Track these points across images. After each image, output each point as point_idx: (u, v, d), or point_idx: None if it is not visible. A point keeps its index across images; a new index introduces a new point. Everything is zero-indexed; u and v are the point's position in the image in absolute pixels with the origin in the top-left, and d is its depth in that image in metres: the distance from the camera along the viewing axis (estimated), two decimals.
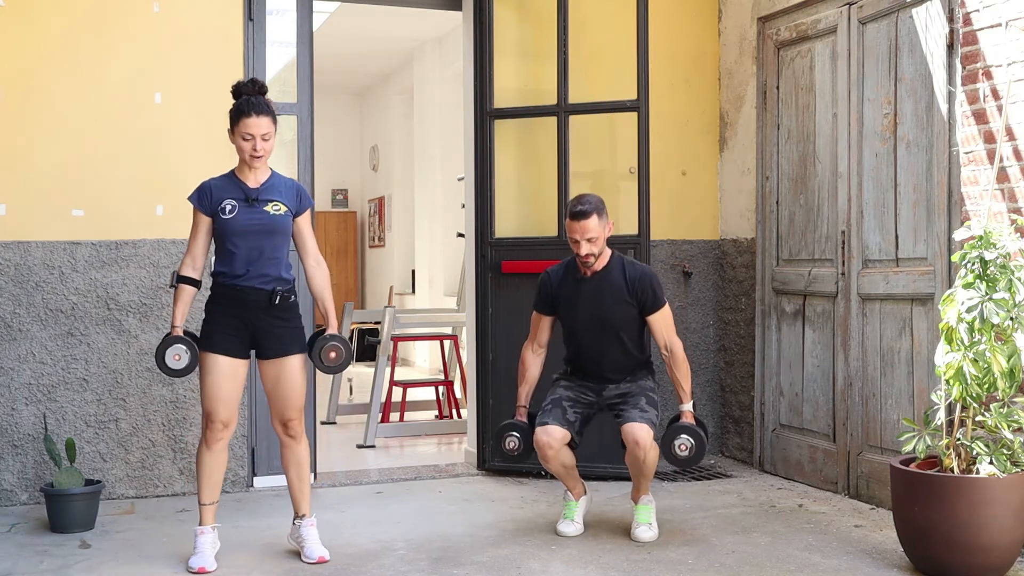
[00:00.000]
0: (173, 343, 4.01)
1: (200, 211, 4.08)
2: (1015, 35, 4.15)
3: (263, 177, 4.11)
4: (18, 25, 5.02)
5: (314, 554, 4.08)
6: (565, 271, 4.56)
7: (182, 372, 4.03)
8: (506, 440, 4.51)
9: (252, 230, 4.03)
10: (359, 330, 11.42)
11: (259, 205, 4.05)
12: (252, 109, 4.01)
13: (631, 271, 4.47)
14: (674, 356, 4.45)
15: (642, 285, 4.43)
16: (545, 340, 4.63)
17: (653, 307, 4.45)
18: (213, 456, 4.06)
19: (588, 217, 4.34)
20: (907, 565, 3.96)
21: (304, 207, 4.18)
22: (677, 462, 4.36)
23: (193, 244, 4.11)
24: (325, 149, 11.87)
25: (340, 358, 4.15)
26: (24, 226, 5.03)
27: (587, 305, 4.46)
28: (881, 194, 4.94)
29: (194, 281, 4.09)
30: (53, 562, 4.13)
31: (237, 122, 4.03)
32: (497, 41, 5.73)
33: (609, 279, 4.45)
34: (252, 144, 4.02)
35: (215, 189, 4.08)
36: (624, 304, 4.44)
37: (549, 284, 4.57)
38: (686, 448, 4.32)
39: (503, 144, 5.77)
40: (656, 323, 4.46)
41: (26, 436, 5.03)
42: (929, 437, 3.90)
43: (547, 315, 4.59)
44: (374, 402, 6.92)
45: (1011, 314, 3.69)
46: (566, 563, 4.08)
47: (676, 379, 4.45)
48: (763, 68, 5.78)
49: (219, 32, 5.31)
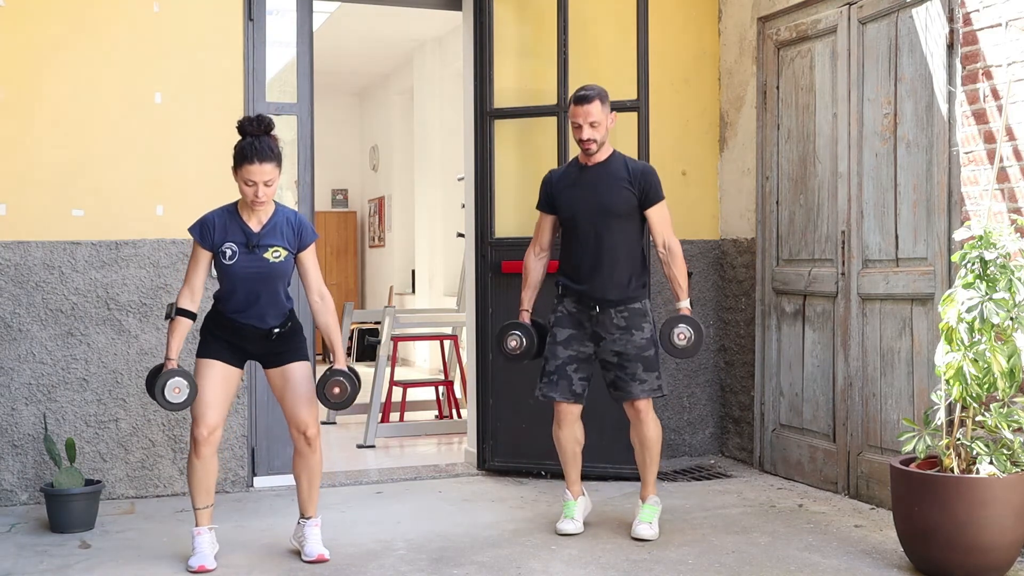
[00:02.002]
0: (173, 376, 3.95)
1: (201, 246, 4.04)
2: (1015, 35, 4.15)
3: (265, 216, 4.06)
4: (18, 25, 5.02)
5: (313, 552, 4.08)
6: (567, 167, 4.61)
7: (180, 406, 3.98)
8: (508, 339, 4.51)
9: (251, 276, 4.03)
10: (359, 330, 11.42)
11: (259, 251, 4.01)
12: (256, 156, 3.91)
13: (633, 164, 4.49)
14: (672, 253, 4.44)
15: (644, 176, 4.44)
16: (547, 242, 4.61)
17: (654, 199, 4.44)
18: (203, 463, 4.04)
19: (591, 102, 4.35)
20: (907, 565, 3.96)
21: (306, 244, 4.12)
22: (676, 352, 4.36)
23: (192, 276, 4.06)
24: (325, 149, 11.86)
25: (344, 394, 4.10)
26: (24, 226, 5.03)
27: (588, 190, 4.44)
28: (881, 194, 4.94)
29: (192, 314, 4.06)
30: (53, 562, 4.13)
31: (239, 166, 3.94)
32: (497, 41, 5.73)
33: (611, 168, 4.46)
34: (255, 190, 3.95)
35: (218, 228, 4.02)
36: (625, 191, 4.41)
37: (550, 180, 4.58)
38: (684, 337, 4.32)
39: (503, 144, 5.78)
40: (654, 217, 4.45)
41: (26, 436, 5.03)
42: (929, 437, 3.90)
43: (549, 213, 4.58)
44: (374, 402, 6.93)
45: (1011, 314, 3.69)
46: (566, 563, 4.08)
47: (673, 276, 4.44)
48: (763, 68, 5.78)
49: (219, 32, 5.31)
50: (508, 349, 4.53)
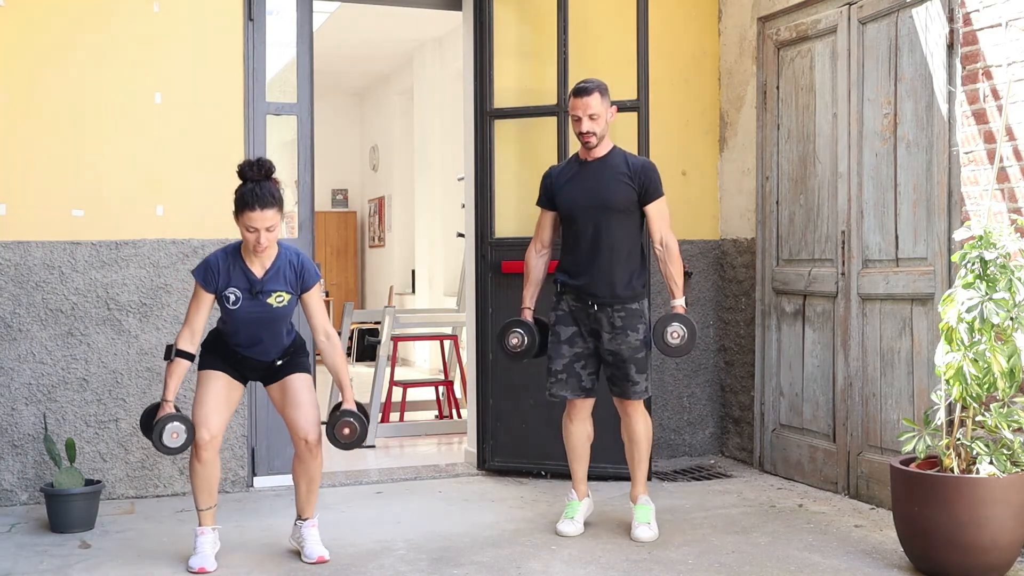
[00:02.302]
0: (171, 420, 3.93)
1: (204, 289, 4.01)
2: (1015, 35, 4.15)
3: (268, 260, 4.03)
4: (18, 25, 5.02)
5: (314, 554, 4.09)
6: (567, 163, 4.61)
7: (177, 451, 3.97)
8: (509, 336, 4.51)
9: (254, 320, 4.04)
10: (359, 330, 11.43)
11: (263, 297, 4.01)
12: (256, 202, 3.86)
13: (633, 159, 4.49)
14: (669, 250, 4.44)
15: (645, 171, 4.44)
16: (548, 239, 4.61)
17: (653, 195, 4.43)
18: (205, 468, 4.04)
19: (590, 94, 4.35)
20: (907, 565, 3.96)
21: (309, 286, 4.09)
22: (669, 351, 4.35)
23: (193, 318, 4.03)
24: (325, 149, 11.86)
25: (354, 434, 4.08)
26: (24, 226, 5.03)
27: (587, 184, 4.44)
28: (881, 194, 4.94)
29: (192, 356, 4.05)
30: (53, 562, 4.13)
31: (241, 213, 3.90)
32: (497, 41, 5.73)
33: (611, 163, 4.45)
34: (256, 236, 3.91)
35: (221, 272, 4.00)
36: (624, 185, 4.41)
37: (550, 176, 4.58)
38: (678, 335, 4.32)
39: (503, 144, 5.77)
40: (653, 213, 4.44)
41: (26, 436, 5.03)
42: (929, 437, 3.90)
43: (549, 210, 4.57)
44: (374, 402, 6.93)
45: (1011, 314, 3.69)
46: (566, 563, 4.08)
47: (669, 274, 4.44)
48: (763, 68, 5.78)
49: (219, 32, 5.31)
50: (510, 346, 4.52)
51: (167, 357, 4.03)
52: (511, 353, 4.55)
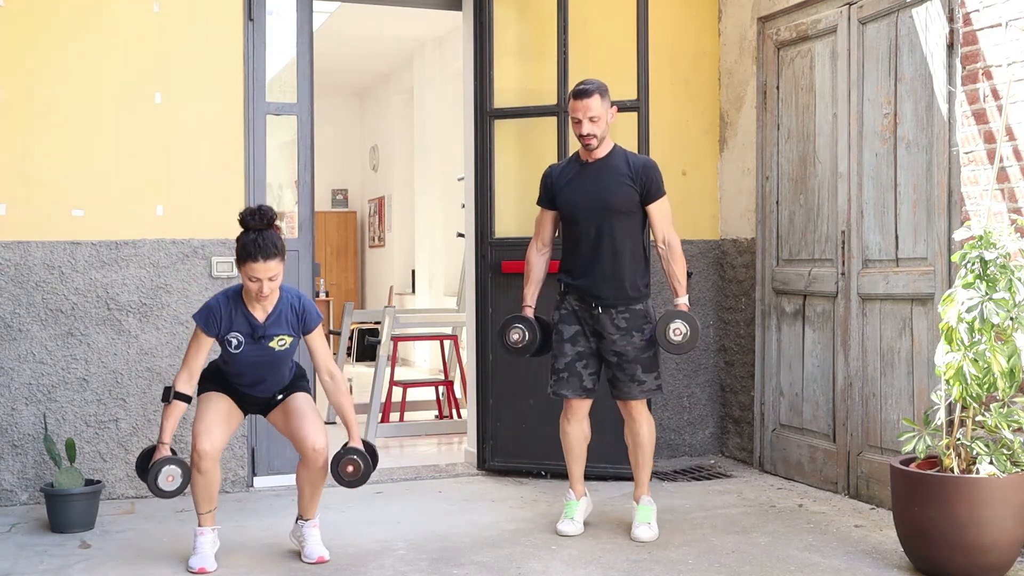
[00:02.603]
0: (166, 464, 3.92)
1: (205, 333, 4.00)
2: (1015, 35, 4.15)
3: (270, 305, 4.02)
4: (18, 25, 5.02)
5: (314, 554, 4.09)
6: (568, 162, 4.58)
7: (172, 494, 3.96)
8: (510, 332, 4.50)
9: (257, 363, 4.05)
10: (359, 330, 11.42)
11: (265, 341, 4.00)
12: (260, 253, 3.84)
13: (634, 159, 4.47)
14: (671, 249, 4.43)
15: (646, 170, 4.43)
16: (548, 237, 4.60)
17: (655, 194, 4.43)
18: (205, 477, 4.02)
19: (590, 96, 4.33)
20: (907, 565, 3.96)
21: (311, 328, 4.08)
22: (671, 348, 4.34)
23: (192, 360, 4.02)
24: (325, 149, 11.86)
25: (357, 472, 4.05)
26: (24, 226, 5.03)
27: (588, 186, 4.43)
28: (881, 194, 4.94)
29: (189, 397, 4.04)
30: (53, 562, 4.13)
31: (243, 263, 3.87)
32: (497, 41, 5.73)
33: (612, 164, 4.44)
34: (259, 286, 3.90)
35: (223, 318, 3.98)
36: (626, 186, 4.40)
37: (551, 175, 4.56)
38: (680, 333, 4.30)
39: (503, 144, 5.78)
40: (655, 213, 4.44)
41: (26, 436, 5.03)
42: (929, 437, 3.90)
43: (549, 209, 4.56)
44: (374, 402, 6.93)
45: (1011, 314, 3.69)
46: (566, 563, 4.08)
47: (672, 272, 4.43)
48: (763, 68, 5.78)
49: (219, 32, 5.30)
50: (511, 342, 4.52)
51: (165, 399, 4.01)
52: (512, 349, 4.54)
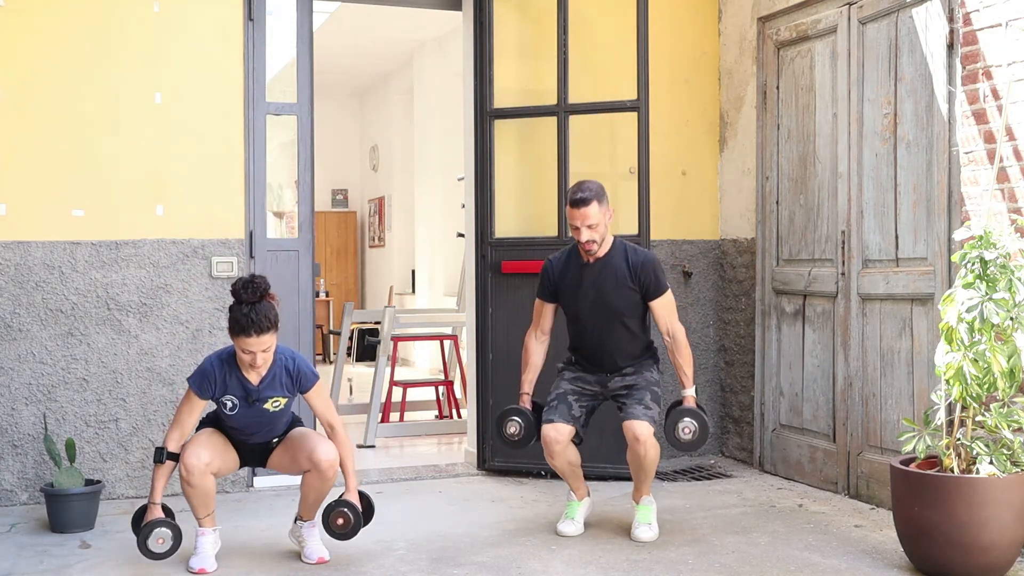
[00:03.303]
0: (157, 526, 3.90)
1: (198, 396, 3.99)
2: (1015, 35, 4.15)
3: (264, 370, 4.00)
4: (18, 25, 5.02)
5: (314, 554, 4.09)
6: (567, 258, 4.54)
7: (163, 556, 3.94)
8: (507, 424, 4.48)
9: (252, 423, 4.06)
10: (359, 330, 11.42)
11: (259, 404, 4.00)
12: (252, 328, 3.81)
13: (633, 257, 4.45)
14: (676, 341, 4.43)
15: (645, 270, 4.42)
16: (548, 327, 4.60)
17: (656, 292, 4.43)
18: (196, 490, 3.98)
19: (588, 204, 4.32)
20: (907, 565, 3.96)
21: (306, 388, 4.06)
22: (680, 445, 4.34)
23: (185, 421, 4.01)
24: (325, 149, 11.86)
25: (347, 526, 4.03)
26: (24, 226, 5.03)
27: (590, 291, 4.44)
28: (881, 194, 4.94)
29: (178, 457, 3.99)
30: (53, 562, 4.13)
31: (236, 336, 3.85)
32: (497, 41, 5.73)
33: (612, 265, 4.43)
34: (252, 359, 3.88)
35: (217, 382, 3.97)
36: (627, 289, 4.41)
37: (551, 271, 4.55)
38: (689, 431, 4.30)
39: (503, 144, 5.77)
40: (658, 308, 4.44)
41: (26, 436, 5.03)
42: (929, 437, 3.90)
43: (549, 302, 4.57)
44: (374, 402, 6.92)
45: (1011, 314, 3.69)
46: (566, 563, 4.08)
47: (678, 364, 4.43)
48: (763, 68, 5.78)
49: (219, 32, 5.30)
50: (508, 434, 4.50)
51: (157, 460, 3.97)
52: (509, 441, 4.52)
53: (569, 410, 4.45)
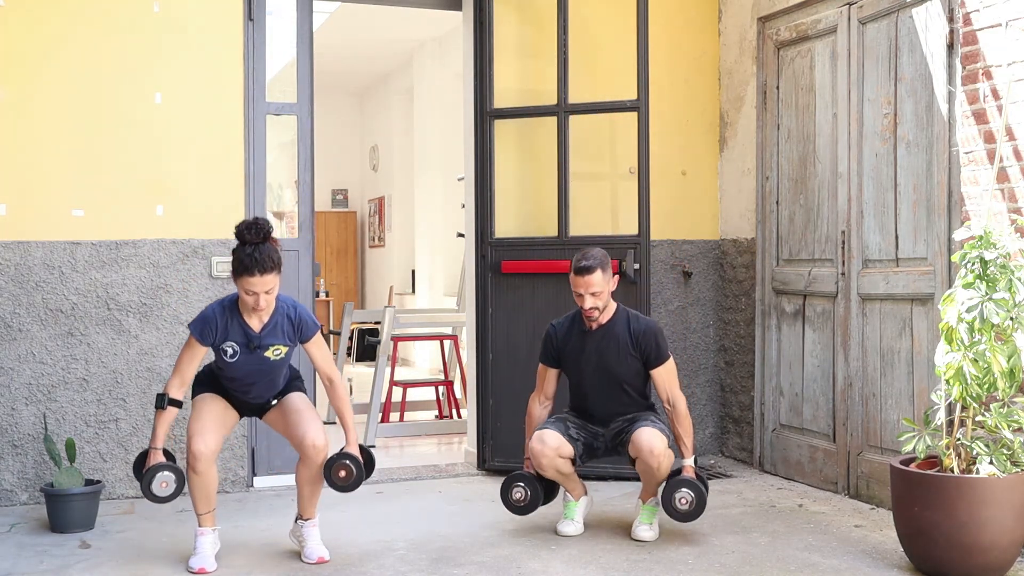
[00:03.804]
0: (160, 470, 3.93)
1: (199, 342, 4.01)
2: (1015, 35, 4.15)
3: (266, 315, 4.02)
4: (18, 25, 5.02)
5: (314, 554, 4.09)
6: (570, 324, 4.56)
7: (167, 499, 3.96)
8: (512, 491, 4.49)
9: (252, 371, 4.05)
10: (359, 330, 11.42)
11: (260, 351, 4.00)
12: (256, 267, 3.84)
13: (635, 325, 4.47)
14: (676, 411, 4.43)
15: (646, 339, 4.43)
16: (551, 392, 4.62)
17: (657, 361, 4.44)
18: (201, 478, 4.02)
19: (592, 272, 4.34)
20: (907, 565, 3.96)
21: (307, 336, 4.08)
22: (677, 515, 4.33)
23: (185, 368, 4.03)
24: (325, 149, 11.85)
25: (349, 478, 4.05)
26: (24, 226, 5.03)
27: (592, 359, 4.47)
28: (881, 194, 4.94)
29: (181, 404, 4.04)
30: (53, 562, 4.13)
31: (239, 277, 3.87)
32: (497, 41, 5.73)
33: (614, 333, 4.46)
34: (255, 300, 3.90)
35: (218, 328, 3.98)
36: (629, 357, 4.44)
37: (555, 337, 4.56)
38: (686, 502, 4.31)
39: (503, 144, 5.77)
40: (659, 377, 4.46)
41: (26, 436, 5.03)
42: (929, 437, 3.90)
43: (552, 367, 4.59)
44: (374, 402, 6.92)
45: (1011, 314, 3.69)
46: (566, 563, 4.08)
47: (678, 434, 4.42)
48: (763, 68, 5.78)
49: (219, 32, 5.31)
50: (513, 501, 4.51)
51: (159, 406, 4.00)
52: (515, 507, 4.52)
53: (565, 429, 4.47)
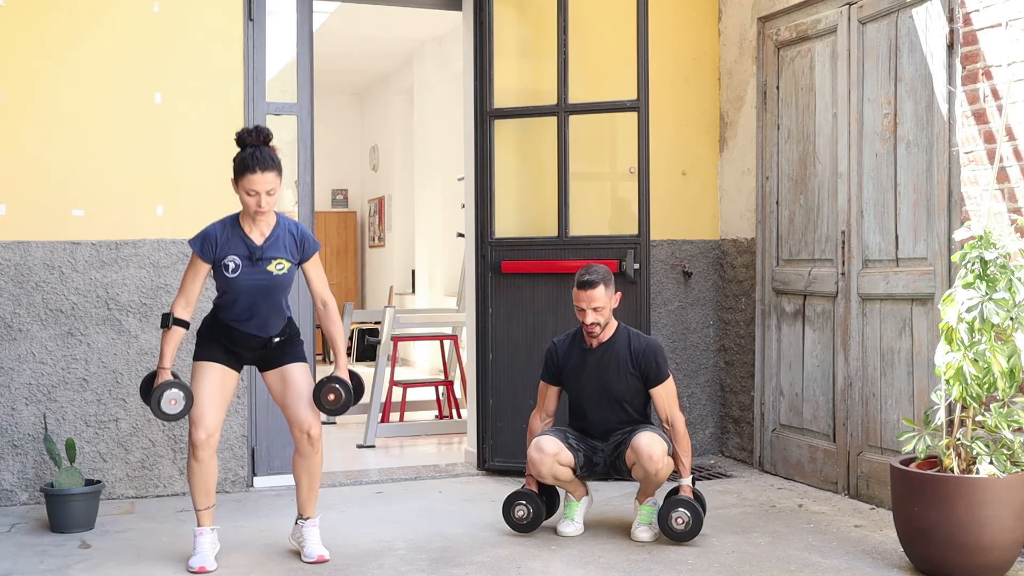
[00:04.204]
0: (168, 388, 3.95)
1: (201, 259, 4.02)
2: (1015, 35, 4.15)
3: (267, 228, 4.04)
4: (18, 25, 5.02)
5: (314, 553, 4.09)
6: (571, 342, 4.57)
7: (175, 417, 3.98)
8: (515, 509, 4.49)
9: (254, 288, 4.03)
10: (359, 330, 11.43)
11: (263, 264, 4.01)
12: (257, 165, 3.89)
13: (636, 344, 4.47)
14: (675, 431, 4.42)
15: (646, 358, 4.44)
16: (552, 409, 4.62)
17: (656, 380, 4.45)
18: (202, 466, 4.04)
19: (595, 287, 4.36)
20: (907, 565, 3.96)
21: (309, 254, 4.11)
22: (673, 535, 4.32)
23: (189, 287, 4.04)
24: (325, 149, 11.86)
25: (339, 401, 4.08)
26: (24, 226, 5.03)
27: (592, 376, 4.48)
28: (881, 194, 4.94)
29: (187, 323, 4.06)
30: (53, 562, 4.13)
31: (241, 176, 3.92)
32: (497, 41, 5.73)
33: (614, 351, 4.47)
34: (257, 200, 3.93)
35: (219, 241, 4.00)
36: (629, 376, 4.45)
37: (555, 354, 4.57)
38: (683, 522, 4.30)
39: (503, 144, 5.77)
40: (659, 396, 4.46)
41: (26, 436, 5.03)
42: (929, 437, 3.90)
43: (553, 385, 4.60)
44: (374, 402, 6.92)
45: (1011, 314, 3.69)
46: (566, 563, 4.08)
47: (677, 454, 4.42)
48: (763, 68, 5.78)
49: (219, 32, 5.31)
50: (516, 519, 4.49)
51: (164, 325, 4.04)
52: (518, 525, 4.49)
53: (565, 437, 4.48)
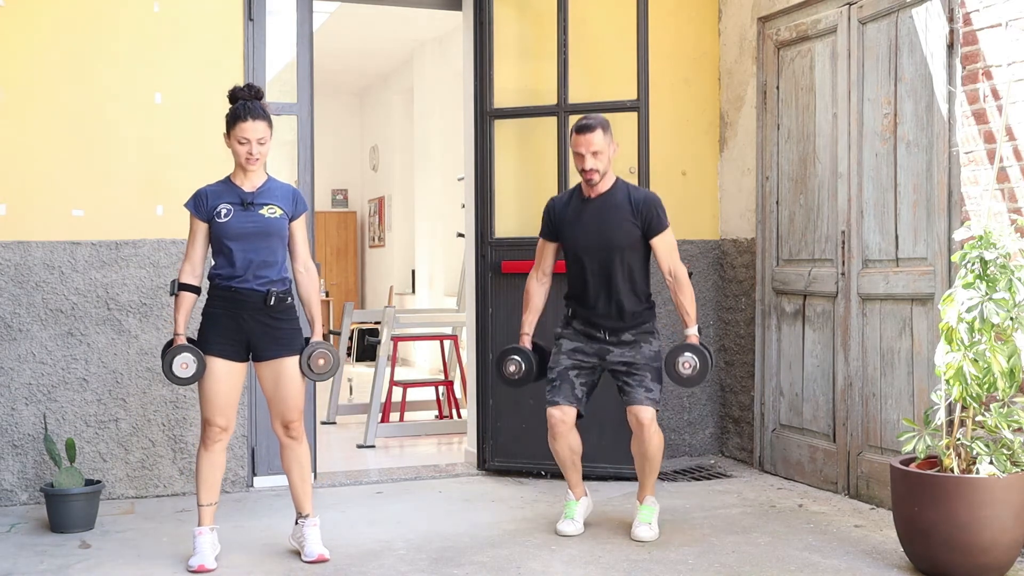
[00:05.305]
0: (180, 351, 4.00)
1: (196, 217, 4.10)
2: (1015, 35, 4.15)
3: (259, 181, 4.13)
4: (18, 25, 5.02)
5: (313, 553, 4.08)
6: (570, 196, 4.55)
7: (190, 380, 4.02)
8: (507, 364, 4.47)
9: (247, 233, 4.05)
10: (359, 330, 11.42)
11: (254, 209, 4.06)
12: (248, 113, 4.03)
13: (636, 193, 4.45)
14: (678, 281, 4.41)
15: (647, 206, 4.41)
16: (549, 268, 4.59)
17: (658, 228, 4.41)
18: (211, 457, 4.06)
19: (593, 131, 4.32)
20: (907, 565, 3.96)
21: (299, 212, 4.19)
22: (680, 381, 4.31)
23: (192, 250, 4.12)
24: (325, 149, 11.87)
25: (328, 364, 4.13)
26: (24, 226, 5.03)
27: (591, 225, 4.42)
28: (881, 194, 4.94)
29: (195, 288, 4.11)
30: (53, 562, 4.13)
31: (233, 126, 4.06)
32: (497, 41, 5.73)
33: (613, 200, 4.43)
34: (248, 148, 4.04)
35: (211, 195, 4.10)
36: (628, 224, 4.39)
37: (553, 209, 4.55)
38: (689, 365, 4.28)
39: (503, 144, 5.78)
40: (660, 246, 4.42)
41: (26, 436, 5.03)
42: (929, 437, 3.90)
43: (551, 241, 4.56)
44: (374, 402, 6.92)
45: (1011, 314, 3.69)
46: (566, 563, 4.08)
47: (681, 303, 4.41)
48: (763, 68, 5.79)
49: (219, 32, 5.31)
50: (507, 373, 4.49)
51: (172, 292, 4.11)
52: (509, 380, 4.50)
53: (572, 389, 4.43)
